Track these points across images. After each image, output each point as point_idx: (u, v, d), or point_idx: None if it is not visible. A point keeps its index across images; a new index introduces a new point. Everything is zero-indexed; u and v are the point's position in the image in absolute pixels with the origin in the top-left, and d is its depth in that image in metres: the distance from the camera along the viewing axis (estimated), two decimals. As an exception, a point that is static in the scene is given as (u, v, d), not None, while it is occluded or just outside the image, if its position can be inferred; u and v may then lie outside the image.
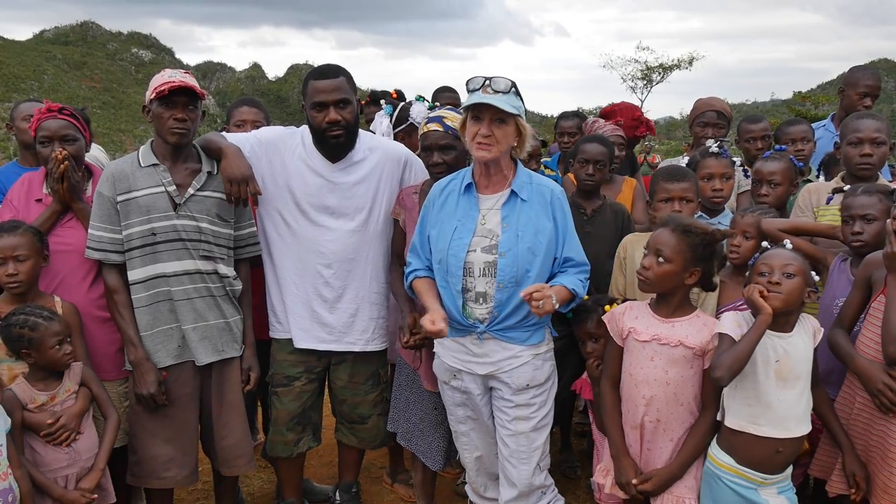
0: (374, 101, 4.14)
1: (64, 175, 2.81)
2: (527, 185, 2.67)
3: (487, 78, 2.55)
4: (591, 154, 3.37)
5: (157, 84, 2.77)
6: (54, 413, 2.60)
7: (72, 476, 2.63)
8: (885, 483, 2.37)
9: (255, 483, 3.92)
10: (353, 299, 3.14)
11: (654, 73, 39.96)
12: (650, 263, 2.49)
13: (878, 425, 2.42)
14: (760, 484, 2.37)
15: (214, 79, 54.74)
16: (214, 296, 2.92)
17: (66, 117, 2.92)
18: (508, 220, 2.63)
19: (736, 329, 2.37)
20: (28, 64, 43.78)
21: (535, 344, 2.70)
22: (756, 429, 2.35)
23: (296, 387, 3.18)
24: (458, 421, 2.89)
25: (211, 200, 2.90)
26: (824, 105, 13.44)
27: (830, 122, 4.52)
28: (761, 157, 3.38)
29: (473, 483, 3.00)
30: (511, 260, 2.58)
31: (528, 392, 2.70)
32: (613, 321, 2.64)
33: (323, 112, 2.95)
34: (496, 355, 2.68)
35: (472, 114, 2.58)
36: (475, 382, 2.75)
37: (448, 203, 2.73)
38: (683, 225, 2.50)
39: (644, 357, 2.54)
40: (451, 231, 2.66)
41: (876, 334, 2.40)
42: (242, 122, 3.79)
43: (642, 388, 2.53)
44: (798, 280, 2.33)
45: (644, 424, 2.55)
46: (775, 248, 2.41)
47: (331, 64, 3.05)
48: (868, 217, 2.59)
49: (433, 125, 2.98)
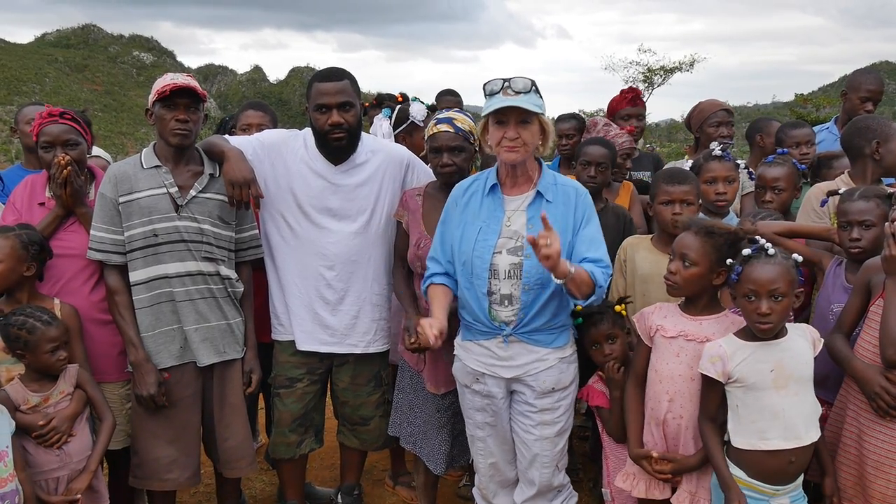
0: (380, 104, 4.14)
1: (67, 180, 2.81)
2: (552, 186, 2.65)
3: (506, 79, 2.52)
4: (593, 156, 3.37)
5: (159, 86, 2.78)
6: (46, 415, 2.60)
7: (63, 478, 2.63)
8: (882, 492, 2.36)
9: (257, 485, 3.92)
10: (355, 301, 3.14)
11: (656, 75, 39.92)
12: (677, 268, 2.49)
13: (874, 432, 2.39)
14: (772, 496, 2.35)
15: (216, 81, 54.80)
16: (216, 297, 2.92)
17: (67, 122, 2.92)
18: (534, 221, 2.60)
19: (711, 368, 2.37)
20: (30, 67, 43.88)
21: (560, 346, 2.68)
22: (766, 444, 2.33)
23: (298, 388, 3.18)
24: (476, 426, 2.85)
25: (213, 202, 2.90)
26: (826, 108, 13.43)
27: (833, 124, 4.53)
28: (763, 161, 3.37)
29: (483, 488, 2.96)
30: (537, 261, 2.53)
31: (552, 395, 2.68)
32: (642, 321, 2.65)
33: (326, 114, 2.95)
34: (522, 358, 2.66)
35: (495, 118, 2.56)
36: (499, 386, 2.72)
37: (471, 204, 2.71)
38: (706, 227, 2.49)
39: (670, 353, 2.54)
40: (476, 232, 2.64)
41: (875, 338, 2.39)
42: (248, 126, 3.79)
43: (666, 383, 2.54)
44: (787, 301, 2.30)
45: (667, 421, 2.54)
46: (759, 261, 2.32)
47: (336, 67, 3.06)
48: (866, 223, 2.56)
49: (443, 126, 2.96)
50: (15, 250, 2.65)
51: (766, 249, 2.34)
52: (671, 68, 39.50)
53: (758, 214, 2.92)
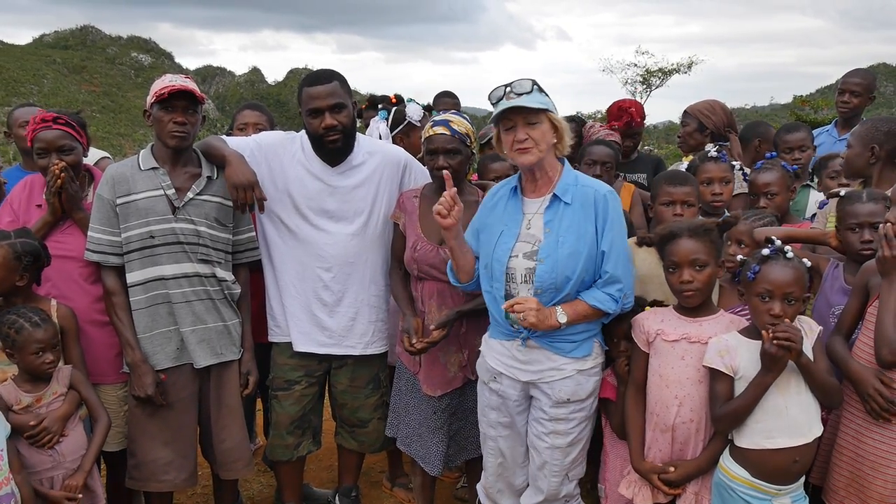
0: (373, 105, 4.14)
1: (61, 189, 2.81)
2: (571, 188, 2.60)
3: (507, 84, 2.53)
4: (599, 156, 3.40)
5: (158, 88, 2.78)
6: (38, 415, 2.60)
7: (57, 478, 2.63)
8: (880, 492, 2.35)
9: (254, 487, 3.92)
10: (353, 303, 3.14)
11: (654, 77, 39.98)
12: (691, 275, 2.46)
13: (871, 433, 2.39)
14: (774, 495, 2.34)
15: (214, 83, 54.81)
16: (213, 299, 2.92)
17: (61, 127, 2.89)
18: (551, 225, 2.57)
19: (720, 361, 2.37)
20: (28, 68, 43.85)
21: (580, 357, 2.62)
22: (771, 443, 2.32)
23: (296, 391, 3.18)
24: (489, 424, 2.84)
25: (210, 205, 2.90)
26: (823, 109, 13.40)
27: (833, 127, 4.54)
28: (753, 168, 3.38)
29: (489, 487, 2.94)
30: (550, 266, 2.52)
31: (567, 406, 2.64)
32: (638, 327, 2.62)
33: (319, 118, 2.95)
34: (539, 364, 2.64)
35: (504, 125, 2.56)
36: (514, 388, 2.71)
37: (497, 207, 2.71)
38: (698, 226, 2.51)
39: (674, 357, 2.52)
40: (497, 235, 2.64)
41: (872, 339, 2.39)
42: (245, 126, 3.80)
43: (674, 388, 2.51)
44: (798, 305, 2.31)
45: (676, 426, 2.51)
46: (778, 263, 2.33)
47: (324, 69, 3.06)
48: (878, 225, 2.53)
49: (439, 129, 2.96)
50: (7, 260, 2.62)
51: (786, 252, 2.35)
52: (669, 70, 39.58)
53: (753, 216, 2.92)
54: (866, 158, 3.08)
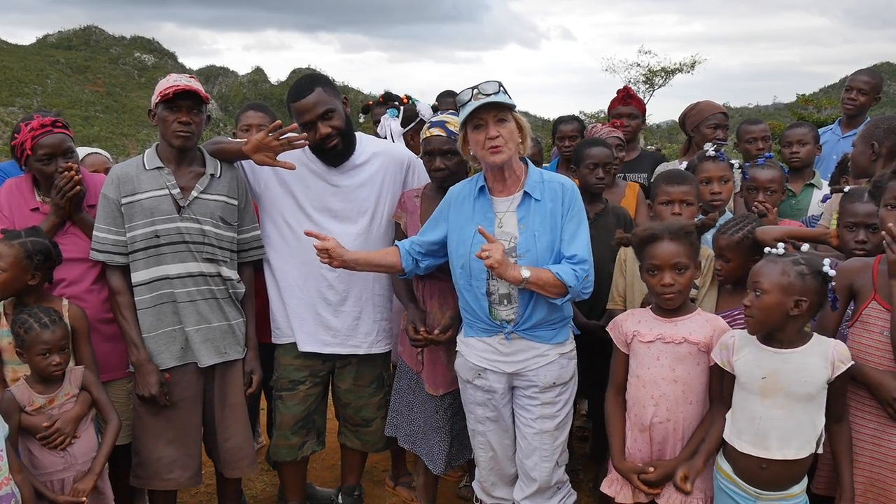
0: (387, 101, 4.16)
1: (75, 194, 2.81)
2: (539, 184, 2.69)
3: (474, 87, 2.58)
4: (599, 157, 3.40)
5: (162, 88, 2.79)
6: (51, 416, 2.60)
7: (68, 479, 2.63)
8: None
9: (258, 486, 3.93)
10: (357, 302, 3.15)
11: (657, 76, 39.92)
12: (672, 279, 2.48)
13: (890, 435, 2.35)
14: (756, 498, 2.33)
15: (217, 83, 54.90)
16: (217, 298, 2.93)
17: (61, 130, 2.90)
18: (524, 222, 2.64)
19: (719, 355, 2.41)
20: (31, 68, 43.97)
21: (560, 342, 2.73)
22: (738, 444, 2.34)
23: (300, 391, 3.19)
24: (477, 420, 2.89)
25: (214, 203, 2.91)
26: (827, 108, 13.39)
27: (837, 126, 4.55)
28: (755, 163, 3.39)
29: (483, 481, 3.00)
30: (531, 260, 2.59)
31: (553, 390, 2.73)
32: (616, 329, 2.66)
33: (312, 130, 2.96)
34: (523, 354, 2.71)
35: (472, 124, 2.60)
36: (500, 381, 2.77)
37: (464, 207, 2.75)
38: (678, 228, 2.52)
39: (650, 357, 2.55)
40: (472, 235, 2.67)
41: (876, 341, 2.36)
42: (248, 127, 3.81)
43: (650, 388, 2.54)
44: (769, 297, 2.24)
45: (653, 426, 2.54)
46: (764, 259, 2.34)
47: (303, 78, 3.04)
48: (874, 227, 2.54)
49: (435, 130, 2.98)
50: (19, 259, 2.60)
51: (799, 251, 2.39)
52: (672, 70, 39.51)
53: (732, 226, 2.87)
54: (868, 156, 3.08)
